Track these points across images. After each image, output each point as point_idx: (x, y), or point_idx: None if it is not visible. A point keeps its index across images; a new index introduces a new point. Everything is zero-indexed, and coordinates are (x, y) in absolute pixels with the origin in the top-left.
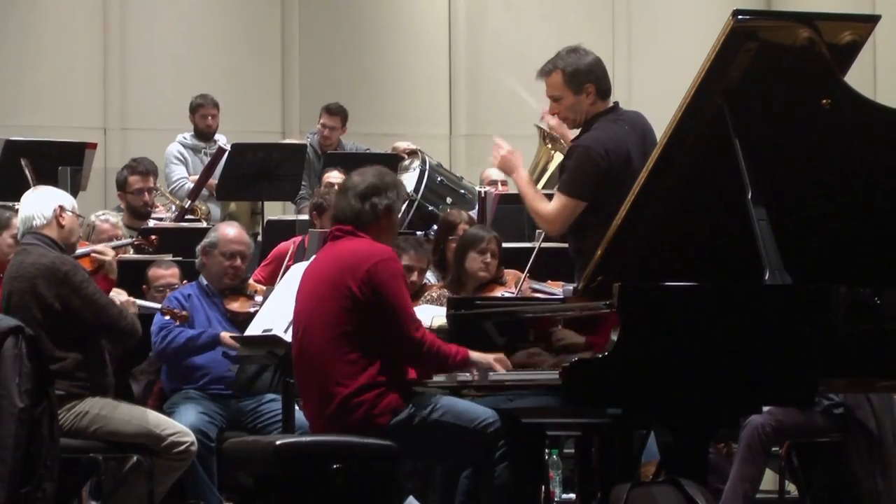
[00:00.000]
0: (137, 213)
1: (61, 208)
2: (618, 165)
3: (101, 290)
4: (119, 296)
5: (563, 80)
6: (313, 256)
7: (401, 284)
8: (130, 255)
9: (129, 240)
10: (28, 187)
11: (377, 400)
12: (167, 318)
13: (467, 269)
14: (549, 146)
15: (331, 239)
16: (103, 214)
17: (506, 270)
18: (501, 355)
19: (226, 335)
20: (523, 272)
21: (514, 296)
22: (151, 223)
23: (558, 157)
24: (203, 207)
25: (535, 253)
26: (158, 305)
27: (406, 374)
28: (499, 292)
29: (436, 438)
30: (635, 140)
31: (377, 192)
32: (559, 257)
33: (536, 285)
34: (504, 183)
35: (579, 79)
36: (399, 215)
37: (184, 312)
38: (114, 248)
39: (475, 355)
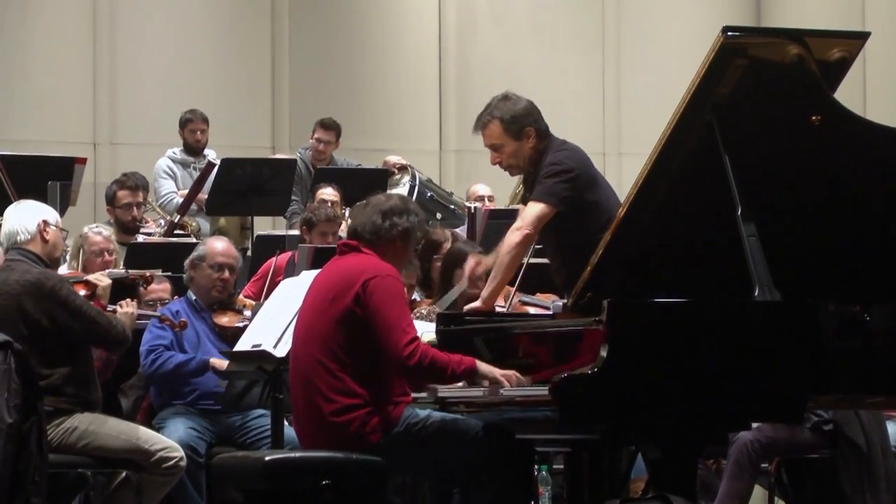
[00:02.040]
0: (126, 227)
1: (45, 223)
2: (585, 184)
3: (86, 301)
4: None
5: (502, 129)
6: (304, 271)
7: (395, 299)
8: (120, 269)
9: (124, 272)
10: (8, 199)
11: (367, 417)
12: (165, 324)
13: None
14: None
15: (337, 254)
16: (96, 227)
17: None
18: (512, 371)
19: (215, 361)
20: (513, 287)
21: (504, 311)
22: (140, 238)
23: None
24: (193, 224)
25: (521, 270)
26: (156, 313)
27: (401, 392)
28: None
29: (428, 454)
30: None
31: (399, 213)
32: (548, 271)
33: (526, 298)
34: (491, 198)
35: (519, 124)
36: (415, 245)
37: (182, 320)
38: (111, 277)
39: (483, 367)
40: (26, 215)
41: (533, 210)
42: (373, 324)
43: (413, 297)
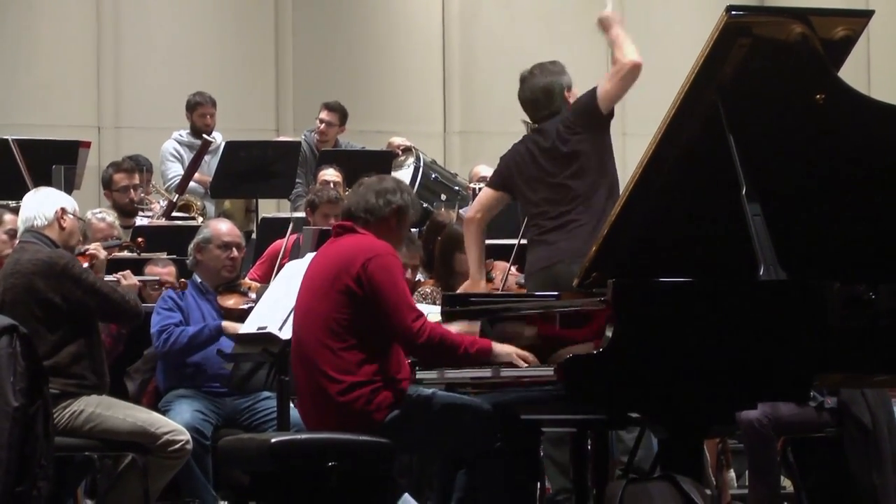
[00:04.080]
0: (124, 210)
1: (63, 210)
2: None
3: (98, 278)
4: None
5: None
6: (308, 253)
7: (396, 277)
8: (125, 254)
9: (117, 241)
10: (23, 183)
11: (372, 395)
12: (166, 287)
13: (456, 270)
14: None
15: (333, 236)
16: (100, 213)
17: (494, 263)
18: (524, 352)
19: (227, 324)
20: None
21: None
22: (139, 220)
23: None
24: (198, 203)
25: (515, 249)
26: (155, 277)
27: (403, 371)
28: (488, 288)
29: (432, 433)
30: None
31: (393, 192)
32: None
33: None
34: None
35: None
36: (409, 225)
37: (182, 280)
38: (105, 247)
39: (499, 348)
40: (45, 202)
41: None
42: (377, 304)
43: (417, 278)
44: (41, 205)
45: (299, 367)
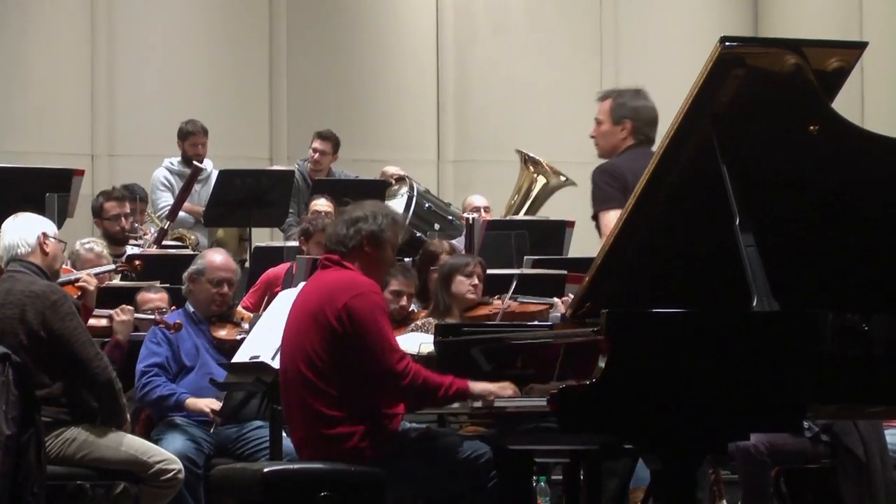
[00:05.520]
0: (115, 238)
1: (44, 235)
2: (616, 188)
3: (83, 327)
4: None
5: (609, 108)
6: (301, 283)
7: (379, 318)
8: (117, 281)
9: (111, 266)
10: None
11: (362, 432)
12: (161, 327)
13: (455, 293)
14: (532, 170)
15: (320, 268)
16: (88, 243)
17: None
18: (506, 383)
19: (192, 401)
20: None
21: (501, 319)
22: (129, 248)
23: (541, 180)
24: (192, 237)
25: (515, 282)
26: (151, 316)
27: (392, 406)
28: (486, 310)
29: (425, 470)
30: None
31: (364, 219)
32: (543, 281)
33: (525, 298)
34: (487, 209)
35: (621, 112)
36: (393, 249)
37: (177, 322)
38: (97, 274)
39: (477, 387)
40: (25, 228)
41: (605, 222)
42: (361, 345)
43: (411, 308)
44: (22, 231)
45: (289, 400)
